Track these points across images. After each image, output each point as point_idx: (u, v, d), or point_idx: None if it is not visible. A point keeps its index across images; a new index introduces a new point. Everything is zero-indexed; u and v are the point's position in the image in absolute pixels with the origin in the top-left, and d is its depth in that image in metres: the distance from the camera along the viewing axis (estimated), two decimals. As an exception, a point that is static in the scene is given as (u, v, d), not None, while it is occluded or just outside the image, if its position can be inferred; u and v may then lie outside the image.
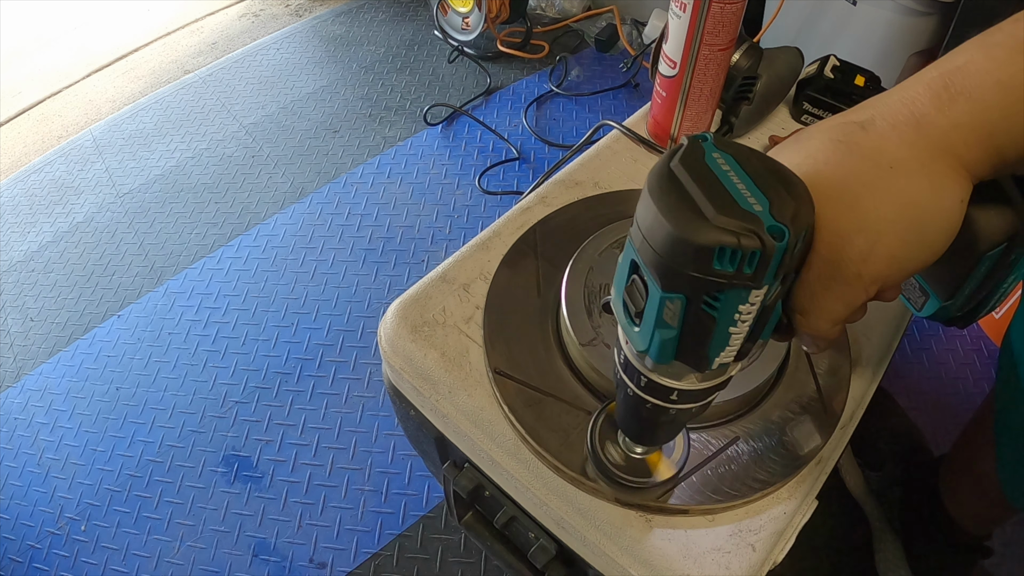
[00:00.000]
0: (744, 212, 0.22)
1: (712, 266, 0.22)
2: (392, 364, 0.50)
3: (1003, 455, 0.55)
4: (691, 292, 0.23)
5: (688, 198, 0.22)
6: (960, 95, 0.25)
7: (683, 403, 0.29)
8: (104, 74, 1.86)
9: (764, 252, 0.21)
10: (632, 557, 0.40)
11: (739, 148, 0.24)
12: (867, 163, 0.26)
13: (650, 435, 0.36)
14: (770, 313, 0.26)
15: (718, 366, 0.27)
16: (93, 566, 0.91)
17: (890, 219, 0.25)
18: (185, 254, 1.29)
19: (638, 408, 0.31)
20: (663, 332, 0.25)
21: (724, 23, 0.53)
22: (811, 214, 0.24)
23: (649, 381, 0.29)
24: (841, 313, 0.27)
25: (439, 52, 1.68)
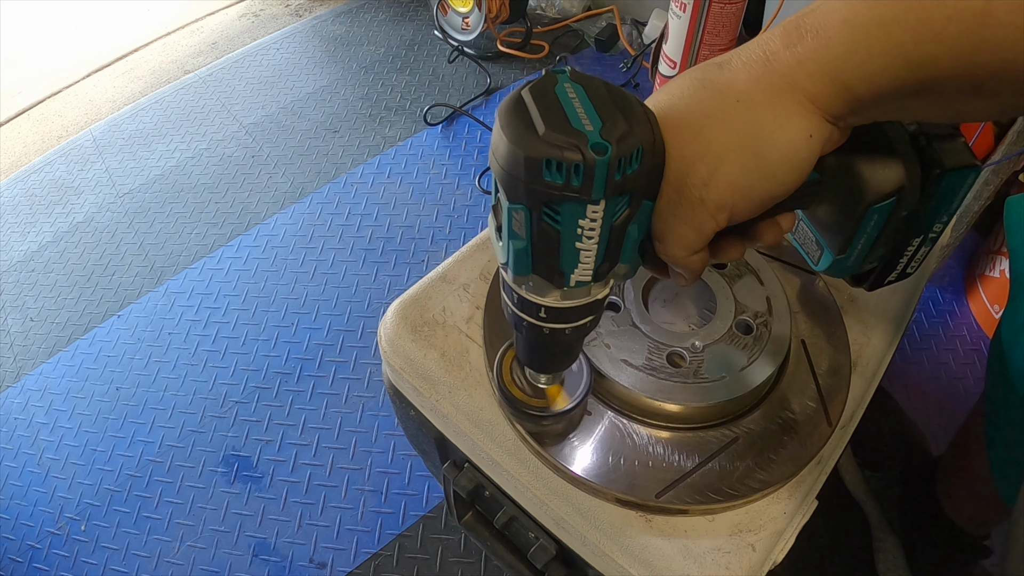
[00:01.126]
0: (572, 129, 0.24)
1: (543, 177, 0.24)
2: (392, 364, 0.50)
3: (995, 453, 0.55)
4: (530, 202, 0.25)
5: (527, 117, 0.24)
6: (807, 33, 0.26)
7: (552, 322, 0.31)
8: (104, 74, 1.86)
9: (586, 165, 0.23)
10: (632, 557, 0.40)
11: (592, 80, 0.26)
12: (716, 96, 0.27)
13: (540, 360, 0.38)
14: (621, 235, 0.28)
15: (576, 283, 0.29)
16: (93, 566, 0.91)
17: (731, 147, 0.27)
18: (185, 254, 1.29)
19: (519, 328, 0.33)
20: (515, 242, 0.27)
21: (724, 23, 0.53)
22: (646, 137, 0.25)
23: (519, 297, 0.31)
24: (693, 240, 0.29)
25: (439, 52, 1.68)
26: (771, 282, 0.47)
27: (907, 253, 0.37)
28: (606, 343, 0.44)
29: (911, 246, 0.36)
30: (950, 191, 0.33)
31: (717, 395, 0.42)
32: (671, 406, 0.42)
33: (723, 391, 0.42)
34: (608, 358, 0.43)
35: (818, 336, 0.48)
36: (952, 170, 0.32)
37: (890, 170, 0.31)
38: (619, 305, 0.46)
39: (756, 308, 0.46)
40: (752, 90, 0.27)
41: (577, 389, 0.42)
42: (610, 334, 0.44)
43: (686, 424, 0.43)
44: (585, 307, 0.31)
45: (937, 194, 0.33)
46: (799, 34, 0.26)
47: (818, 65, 0.26)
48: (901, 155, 0.31)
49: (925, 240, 0.36)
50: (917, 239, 0.36)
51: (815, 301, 0.50)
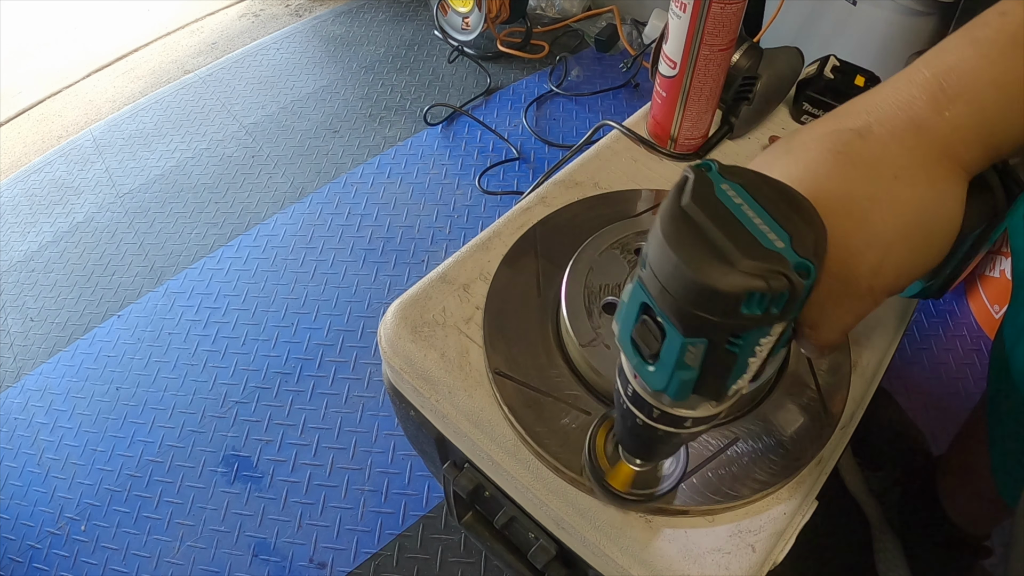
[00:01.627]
0: (768, 252, 0.21)
1: (740, 311, 0.21)
2: (392, 364, 0.50)
3: (996, 452, 0.55)
4: (715, 336, 0.22)
5: (708, 241, 0.21)
6: (958, 97, 0.24)
7: (695, 427, 0.29)
8: (104, 74, 1.86)
9: (793, 292, 0.21)
10: (632, 557, 0.40)
11: (746, 175, 0.24)
12: (871, 174, 0.25)
13: (657, 455, 0.35)
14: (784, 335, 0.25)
15: (734, 392, 0.26)
16: (93, 566, 0.91)
17: (899, 231, 0.25)
18: (185, 254, 1.29)
19: (648, 434, 0.30)
20: (683, 374, 0.24)
21: (724, 23, 0.53)
22: (824, 240, 0.23)
23: (663, 413, 0.28)
24: (851, 324, 0.27)
25: (439, 52, 1.68)
26: (771, 282, 0.47)
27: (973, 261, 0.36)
28: (606, 343, 0.44)
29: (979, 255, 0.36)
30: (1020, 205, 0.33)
31: (717, 395, 0.42)
32: (671, 406, 0.42)
33: (723, 391, 0.42)
34: (608, 359, 0.43)
35: (818, 336, 0.48)
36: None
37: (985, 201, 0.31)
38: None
39: (756, 308, 0.46)
40: (909, 164, 0.25)
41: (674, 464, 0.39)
42: (610, 334, 0.44)
43: (686, 424, 0.43)
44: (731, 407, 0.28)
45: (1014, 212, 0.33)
46: (947, 98, 0.25)
47: (974, 132, 0.25)
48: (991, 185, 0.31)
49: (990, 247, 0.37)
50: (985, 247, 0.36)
51: (815, 301, 0.50)
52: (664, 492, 0.38)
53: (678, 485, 0.38)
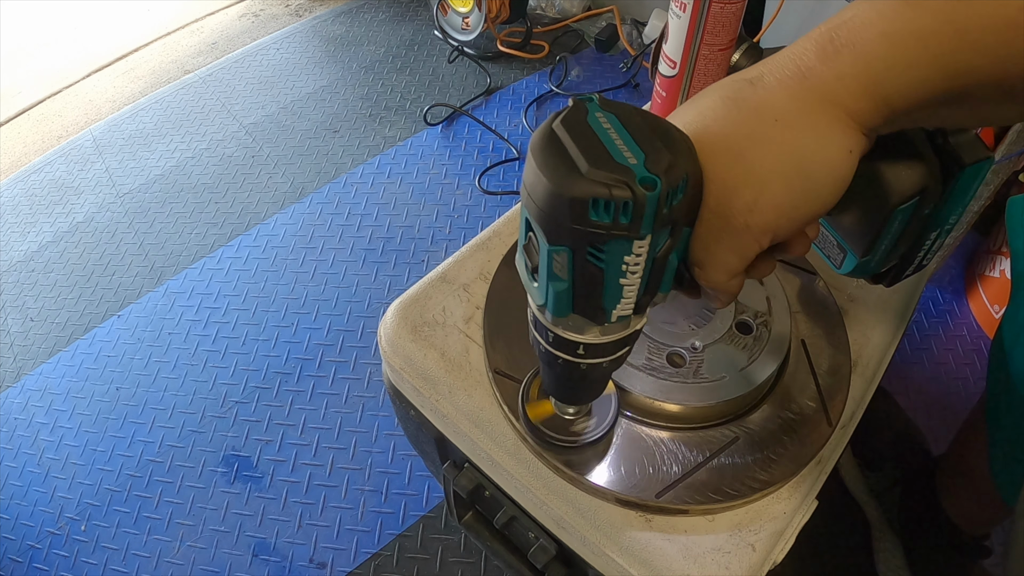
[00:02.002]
0: (617, 165, 0.23)
1: (589, 217, 0.23)
2: (392, 364, 0.50)
3: (996, 453, 0.55)
4: (574, 244, 0.24)
5: (565, 154, 0.23)
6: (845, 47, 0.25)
7: (591, 357, 0.30)
8: (104, 74, 1.86)
9: (636, 202, 0.22)
10: (632, 557, 0.40)
11: (624, 107, 0.25)
12: (753, 117, 0.26)
13: (571, 393, 0.37)
14: (663, 266, 0.27)
15: (617, 319, 0.28)
16: (93, 566, 0.91)
17: (775, 170, 0.26)
18: (185, 254, 1.29)
19: (552, 365, 0.32)
20: (555, 284, 0.26)
21: (724, 23, 0.53)
22: (690, 166, 0.24)
23: (556, 336, 0.30)
24: (735, 265, 0.28)
25: (439, 52, 1.68)
26: (771, 282, 0.47)
27: (925, 247, 0.37)
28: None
29: (929, 240, 0.37)
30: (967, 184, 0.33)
31: (717, 395, 0.42)
32: (671, 406, 0.42)
33: (723, 391, 0.42)
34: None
35: (818, 336, 0.48)
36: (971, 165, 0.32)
37: (913, 172, 0.31)
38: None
39: (756, 308, 0.46)
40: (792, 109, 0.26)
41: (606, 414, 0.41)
42: (610, 334, 0.44)
43: (686, 424, 0.43)
44: (624, 339, 0.30)
45: (956, 189, 0.33)
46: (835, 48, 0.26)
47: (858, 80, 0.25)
48: (922, 156, 0.31)
49: (941, 232, 0.36)
50: (935, 232, 0.36)
51: (815, 301, 0.50)
52: (591, 440, 0.40)
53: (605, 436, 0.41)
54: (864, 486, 0.86)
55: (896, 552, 0.80)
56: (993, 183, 0.91)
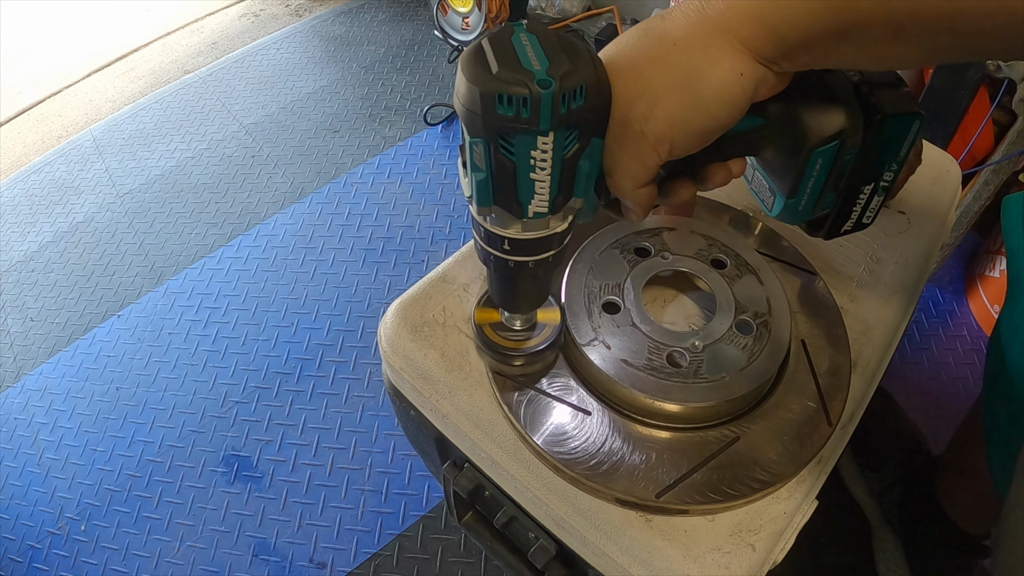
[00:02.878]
0: (522, 68, 0.26)
1: (496, 110, 0.27)
2: (392, 364, 0.50)
3: (993, 450, 0.55)
4: (487, 135, 0.28)
5: (484, 61, 0.27)
6: None
7: (516, 254, 0.34)
8: (104, 74, 1.86)
9: (532, 98, 0.26)
10: (632, 557, 0.40)
11: (545, 29, 0.29)
12: (656, 41, 0.30)
13: (509, 297, 0.40)
14: (573, 168, 0.30)
15: (534, 214, 0.31)
16: (93, 566, 0.91)
17: (668, 85, 0.30)
18: (185, 254, 1.29)
19: (487, 263, 0.36)
20: (476, 175, 0.30)
21: (724, 23, 0.53)
22: (589, 76, 0.27)
23: (485, 231, 0.33)
24: (638, 172, 0.32)
25: (439, 52, 1.68)
26: (771, 282, 0.47)
27: (859, 201, 0.39)
28: (606, 343, 0.44)
29: (862, 193, 0.38)
30: (895, 137, 0.35)
31: (717, 395, 0.42)
32: (671, 406, 0.42)
33: (723, 391, 0.42)
34: (608, 358, 0.43)
35: (818, 336, 0.48)
36: (894, 116, 0.34)
37: (832, 115, 0.33)
38: (619, 305, 0.46)
39: (756, 308, 0.46)
40: (688, 34, 0.29)
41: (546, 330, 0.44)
42: (610, 334, 0.44)
43: (686, 424, 0.43)
44: (545, 240, 0.33)
45: (882, 140, 0.35)
46: None
47: (746, 10, 0.28)
48: (842, 102, 0.34)
49: (877, 188, 0.38)
50: (868, 186, 0.38)
51: (815, 301, 0.50)
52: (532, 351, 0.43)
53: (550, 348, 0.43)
54: (864, 486, 0.86)
55: (896, 552, 0.80)
56: (993, 183, 0.91)
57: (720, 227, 0.51)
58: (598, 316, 0.45)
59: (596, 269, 0.48)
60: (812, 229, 0.42)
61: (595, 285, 0.47)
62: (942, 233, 0.58)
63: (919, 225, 0.57)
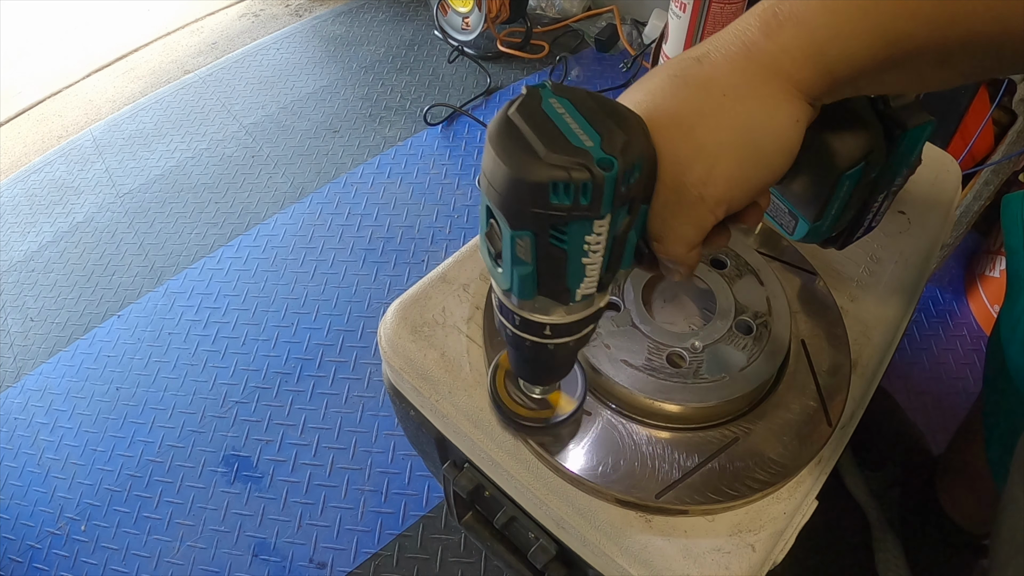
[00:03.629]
0: (574, 148, 0.23)
1: (549, 200, 0.24)
2: (392, 364, 0.50)
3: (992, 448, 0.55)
4: (536, 227, 0.25)
5: (523, 140, 0.24)
6: (788, 20, 0.26)
7: (557, 337, 0.31)
8: (104, 74, 1.86)
9: (595, 182, 0.23)
10: (632, 557, 0.40)
11: (576, 92, 0.26)
12: (701, 92, 0.27)
13: (540, 374, 0.38)
14: (623, 243, 0.28)
15: (581, 298, 0.29)
16: (93, 566, 0.91)
17: (725, 143, 0.27)
18: (185, 254, 1.29)
19: (520, 348, 0.33)
20: (520, 268, 0.27)
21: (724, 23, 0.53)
22: (644, 145, 0.25)
23: (522, 319, 0.30)
24: (692, 236, 0.29)
25: (439, 52, 1.68)
26: (771, 282, 0.47)
27: (873, 209, 0.39)
28: (606, 343, 0.44)
29: (876, 202, 0.38)
30: (910, 147, 0.35)
31: (717, 395, 0.42)
32: (671, 406, 0.42)
33: (723, 391, 0.42)
34: (608, 358, 0.43)
35: (818, 336, 0.48)
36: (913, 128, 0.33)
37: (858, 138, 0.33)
38: (619, 305, 0.46)
39: (756, 308, 0.46)
40: (738, 83, 0.27)
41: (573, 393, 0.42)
42: (610, 334, 0.44)
43: (686, 424, 0.43)
44: (590, 318, 0.31)
45: (901, 153, 0.35)
46: (778, 22, 0.26)
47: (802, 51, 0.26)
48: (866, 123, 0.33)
49: (888, 194, 0.38)
50: (882, 195, 0.38)
51: (815, 301, 0.50)
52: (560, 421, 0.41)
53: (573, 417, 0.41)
54: (864, 486, 0.86)
55: (896, 552, 0.80)
56: (993, 183, 0.91)
57: (720, 227, 0.51)
58: (598, 316, 0.45)
59: (596, 269, 0.47)
60: (826, 244, 0.42)
61: (595, 285, 0.47)
62: (942, 233, 0.58)
63: (919, 225, 0.57)
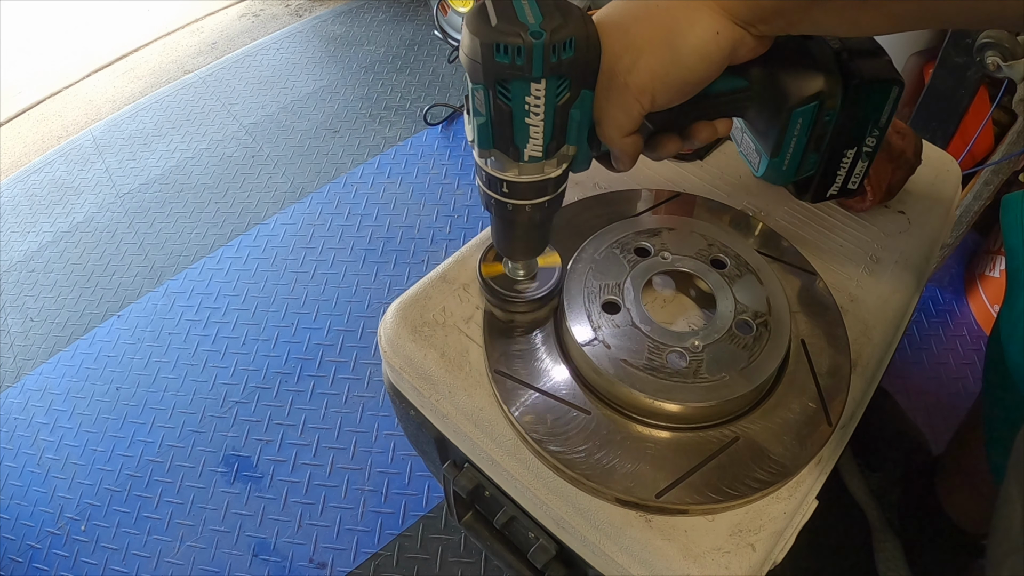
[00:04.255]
0: (518, 21, 0.30)
1: (494, 58, 0.30)
2: (392, 364, 0.50)
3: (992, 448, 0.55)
4: (486, 81, 0.31)
5: (485, 15, 0.31)
6: None
7: (515, 198, 0.37)
8: (104, 74, 1.86)
9: (525, 47, 0.29)
10: (632, 557, 0.40)
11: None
12: (642, 4, 0.34)
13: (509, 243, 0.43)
14: (565, 116, 0.34)
15: (529, 158, 0.35)
16: (93, 566, 0.91)
17: (650, 40, 0.33)
18: (185, 254, 1.29)
19: (488, 207, 0.39)
20: (477, 119, 0.34)
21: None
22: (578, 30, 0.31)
23: (487, 175, 0.37)
24: (623, 121, 0.35)
25: (439, 52, 1.68)
26: (771, 282, 0.47)
27: (843, 165, 0.41)
28: (606, 343, 0.44)
29: (845, 157, 0.40)
30: (874, 103, 0.38)
31: (717, 395, 0.42)
32: (671, 406, 0.42)
33: (723, 391, 0.42)
34: (608, 358, 0.43)
35: (818, 336, 0.48)
36: (871, 82, 0.36)
37: (810, 78, 0.36)
38: (619, 305, 0.46)
39: (756, 308, 0.46)
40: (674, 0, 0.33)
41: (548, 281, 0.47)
42: (610, 334, 0.44)
43: (686, 424, 0.43)
44: (540, 184, 0.36)
45: (861, 105, 0.37)
46: None
47: None
48: (822, 67, 0.36)
49: (860, 154, 0.40)
50: (851, 151, 0.40)
51: (815, 301, 0.50)
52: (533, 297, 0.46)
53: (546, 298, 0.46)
54: (864, 486, 0.86)
55: (896, 552, 0.80)
56: (993, 183, 0.91)
57: (720, 227, 0.51)
58: (598, 316, 0.45)
59: (596, 269, 0.48)
60: (799, 191, 0.44)
61: (595, 285, 0.47)
62: (942, 233, 0.58)
63: (919, 225, 0.57)
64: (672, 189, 0.58)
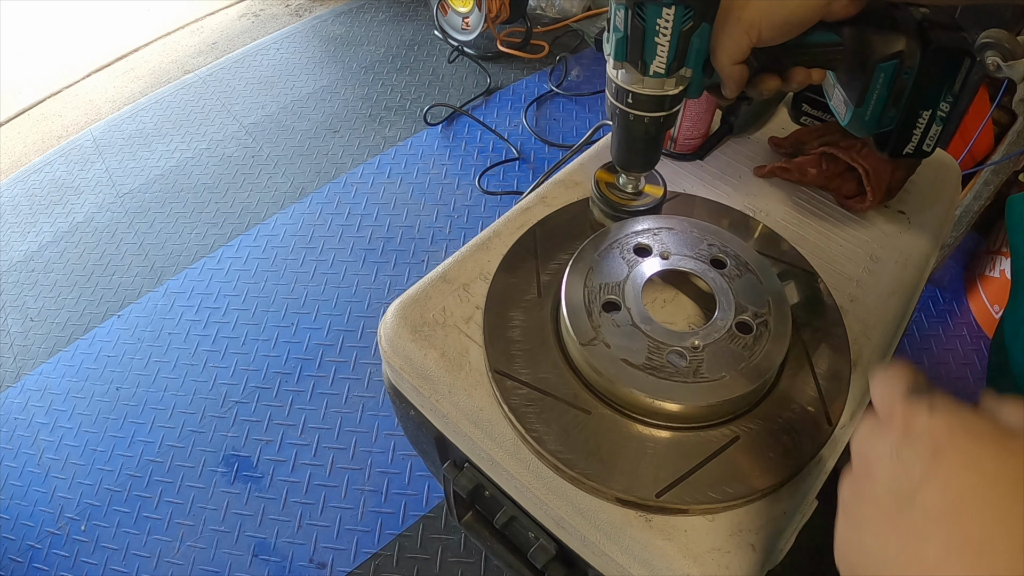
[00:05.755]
0: None
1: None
2: (392, 364, 0.50)
3: None
4: (627, 2, 0.37)
5: None
6: None
7: (637, 109, 0.42)
8: (104, 74, 1.86)
9: None
10: (632, 557, 0.40)
11: None
12: None
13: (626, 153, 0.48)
14: (687, 42, 0.38)
15: (654, 73, 0.40)
16: (93, 566, 0.91)
17: None
18: (185, 254, 1.29)
19: (613, 117, 0.44)
20: (616, 34, 0.39)
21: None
22: None
23: (615, 87, 0.42)
24: (733, 50, 0.39)
25: (439, 52, 1.68)
26: (771, 282, 0.47)
27: (919, 124, 0.45)
28: (606, 343, 0.44)
29: (921, 118, 0.45)
30: (947, 70, 0.42)
31: (717, 395, 0.42)
32: (671, 406, 0.42)
33: (723, 391, 0.42)
34: (608, 357, 0.43)
35: (818, 336, 0.48)
36: (946, 49, 0.41)
37: (894, 38, 0.41)
38: (619, 304, 0.46)
39: (756, 308, 0.46)
40: None
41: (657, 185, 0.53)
42: (610, 334, 0.44)
43: (686, 424, 0.43)
44: (659, 99, 0.41)
45: (935, 69, 0.42)
46: None
47: None
48: (904, 31, 0.41)
49: (935, 117, 0.45)
50: (927, 112, 0.44)
51: (815, 301, 0.50)
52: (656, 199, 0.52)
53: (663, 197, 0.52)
54: (864, 486, 0.86)
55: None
56: (993, 183, 0.91)
57: (720, 227, 0.51)
58: (598, 316, 0.45)
59: (596, 269, 0.48)
60: (880, 145, 0.48)
61: (595, 285, 0.47)
62: (942, 233, 0.58)
63: (919, 225, 0.57)
64: (672, 189, 0.58)
